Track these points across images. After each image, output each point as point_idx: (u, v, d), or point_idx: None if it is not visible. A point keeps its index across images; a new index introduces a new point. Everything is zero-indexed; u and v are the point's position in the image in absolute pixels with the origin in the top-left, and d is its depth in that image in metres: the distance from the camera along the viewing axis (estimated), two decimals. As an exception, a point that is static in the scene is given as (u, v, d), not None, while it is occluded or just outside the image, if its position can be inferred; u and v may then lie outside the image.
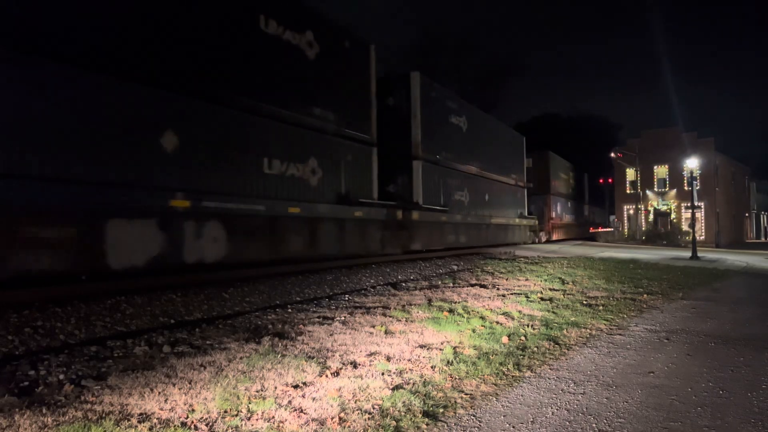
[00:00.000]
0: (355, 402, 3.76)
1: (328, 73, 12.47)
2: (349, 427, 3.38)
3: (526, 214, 27.40)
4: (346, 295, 8.80)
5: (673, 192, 42.99)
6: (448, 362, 4.82)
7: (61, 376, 4.19)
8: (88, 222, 7.20)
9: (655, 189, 44.04)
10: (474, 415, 3.72)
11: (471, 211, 20.09)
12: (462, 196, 19.41)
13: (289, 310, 7.32)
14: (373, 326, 6.14)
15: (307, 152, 11.53)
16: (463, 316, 6.90)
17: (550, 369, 4.90)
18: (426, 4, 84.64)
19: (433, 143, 17.00)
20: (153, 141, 8.19)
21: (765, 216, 60.15)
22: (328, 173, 12.23)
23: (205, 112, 9.10)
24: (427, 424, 3.50)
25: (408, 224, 15.39)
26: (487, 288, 9.84)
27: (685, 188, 40.13)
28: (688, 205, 36.56)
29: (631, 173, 45.19)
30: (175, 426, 3.27)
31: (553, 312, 7.61)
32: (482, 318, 6.86)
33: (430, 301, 8.10)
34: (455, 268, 14.05)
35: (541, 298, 8.71)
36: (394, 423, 3.46)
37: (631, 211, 45.48)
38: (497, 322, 6.68)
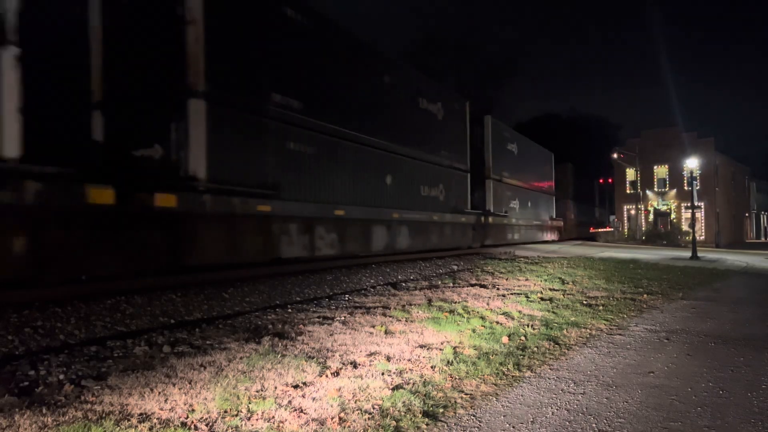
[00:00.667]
0: (355, 402, 3.76)
1: (447, 127, 18.72)
2: (349, 427, 3.38)
3: (554, 216, 33.19)
4: (346, 295, 8.81)
5: (673, 192, 43.01)
6: (448, 362, 4.82)
7: (61, 376, 4.19)
8: (367, 227, 13.80)
9: (655, 189, 44.06)
10: (474, 415, 3.72)
11: (521, 215, 26.08)
12: (515, 204, 25.32)
13: (289, 310, 7.32)
14: (373, 326, 6.14)
15: (437, 180, 17.80)
16: (463, 316, 6.90)
17: (550, 369, 4.90)
18: (426, 3, 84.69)
19: (497, 166, 22.72)
20: (382, 181, 14.71)
21: (765, 216, 60.16)
22: (447, 192, 18.38)
23: (402, 163, 15.66)
24: (427, 424, 3.50)
25: (485, 226, 21.46)
26: (487, 288, 9.85)
27: (685, 188, 40.15)
28: (688, 205, 36.56)
29: (631, 173, 45.21)
30: (175, 426, 3.27)
31: (553, 312, 7.61)
32: (482, 318, 6.86)
33: (430, 301, 8.10)
34: (455, 268, 14.05)
35: (541, 298, 8.71)
36: (394, 423, 3.46)
37: (631, 211, 45.50)
38: (497, 322, 6.68)
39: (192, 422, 3.34)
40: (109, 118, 8.86)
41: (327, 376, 4.29)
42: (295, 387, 4.01)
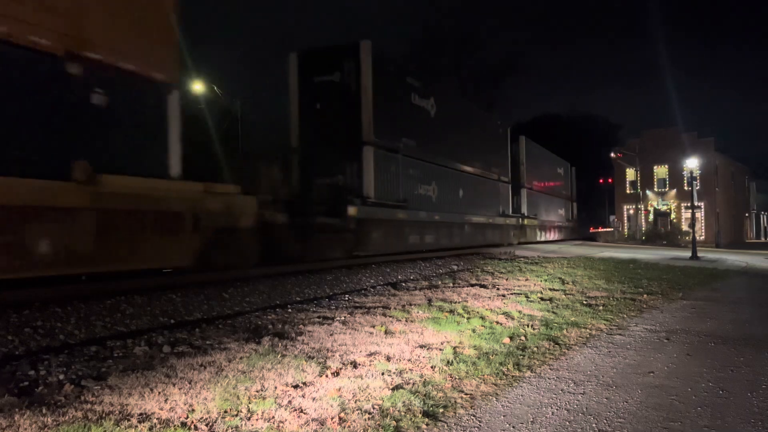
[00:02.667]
0: (355, 402, 3.76)
1: (495, 148, 24.56)
2: (349, 427, 3.38)
3: (571, 218, 39.26)
4: (346, 295, 8.80)
5: (673, 192, 43.02)
6: (448, 362, 4.82)
7: (61, 376, 4.19)
8: (450, 227, 19.22)
9: (655, 189, 44.07)
10: (474, 415, 3.72)
11: (547, 217, 32.06)
12: (543, 209, 31.24)
13: (289, 310, 7.32)
14: (373, 326, 6.14)
15: (490, 190, 23.89)
16: (463, 316, 6.90)
17: (550, 369, 4.90)
18: (426, 3, 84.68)
19: (530, 177, 28.86)
20: (456, 194, 19.98)
21: (765, 216, 60.15)
22: (497, 200, 24.47)
23: (468, 179, 20.99)
24: (427, 424, 3.50)
25: (522, 227, 27.11)
26: (487, 288, 9.85)
27: (685, 188, 40.13)
28: (688, 205, 36.55)
29: (631, 173, 45.22)
30: (175, 426, 3.27)
31: (553, 312, 7.61)
32: (482, 318, 6.86)
33: (430, 301, 8.10)
34: (455, 268, 14.05)
35: (541, 298, 8.71)
36: (394, 423, 3.46)
37: (631, 211, 45.51)
38: (497, 322, 6.68)
39: (192, 422, 3.34)
40: (302, 158, 14.25)
41: (327, 376, 4.29)
42: (295, 387, 4.01)
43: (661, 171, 43.86)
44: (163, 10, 9.00)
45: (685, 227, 39.55)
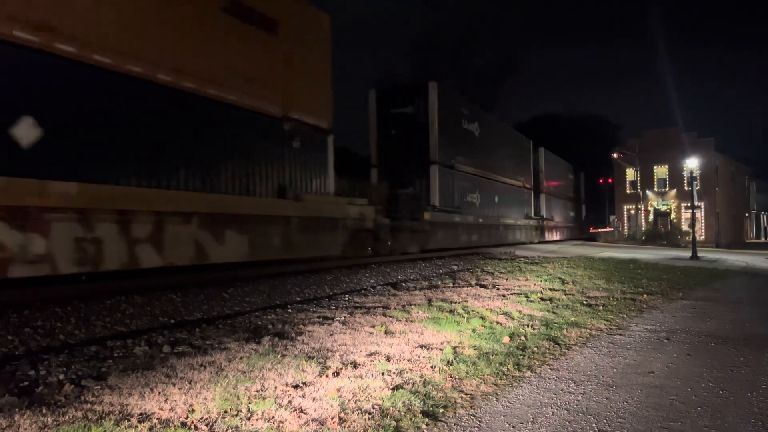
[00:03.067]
0: (355, 402, 3.76)
1: (521, 159, 28.82)
2: (349, 427, 3.38)
3: (582, 218, 43.25)
4: (346, 295, 8.80)
5: (673, 192, 43.00)
6: (448, 362, 4.82)
7: (61, 376, 4.19)
8: (488, 228, 23.48)
9: (655, 189, 44.06)
10: (474, 415, 3.72)
11: (560, 219, 36.22)
12: (558, 211, 35.56)
13: (289, 310, 7.32)
14: (373, 326, 6.14)
15: (517, 196, 28.00)
16: (463, 316, 6.90)
17: (550, 369, 4.90)
18: (426, 4, 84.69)
19: (548, 183, 32.93)
20: (493, 200, 24.00)
21: (765, 216, 60.14)
22: (522, 204, 28.60)
23: (502, 187, 24.74)
24: (427, 424, 3.50)
25: (542, 227, 31.63)
26: (487, 288, 9.84)
27: (685, 188, 40.12)
28: (688, 205, 36.55)
29: (631, 173, 45.21)
30: (175, 426, 3.27)
31: (553, 312, 7.61)
32: (482, 318, 6.86)
33: (430, 301, 8.10)
34: (455, 268, 14.05)
35: (541, 298, 8.71)
36: (394, 423, 3.46)
37: (631, 211, 45.50)
38: (497, 322, 6.68)
39: (192, 422, 3.34)
40: (380, 174, 18.56)
41: (327, 376, 4.29)
42: (295, 387, 4.01)
43: (661, 171, 43.86)
44: (327, 80, 13.42)
45: (685, 227, 39.54)
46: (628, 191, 46.01)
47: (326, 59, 13.43)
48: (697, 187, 28.58)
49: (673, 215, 42.65)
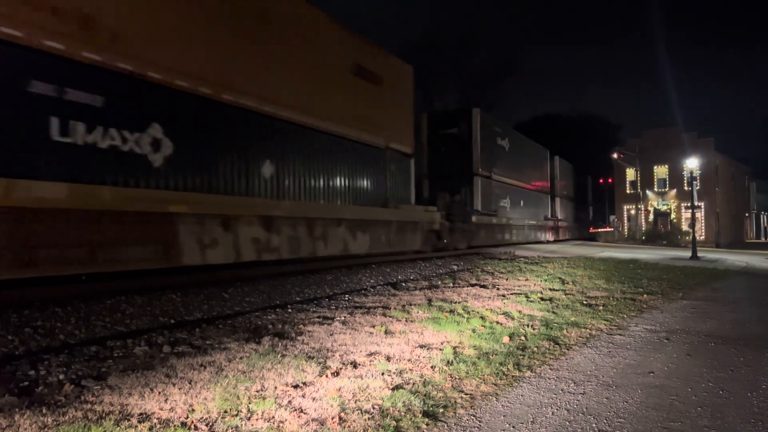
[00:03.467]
0: (355, 402, 3.76)
1: (540, 167, 32.05)
2: (349, 427, 3.38)
3: (589, 219, 45.80)
4: (346, 295, 8.80)
5: (673, 192, 42.99)
6: (448, 362, 4.82)
7: (61, 376, 4.19)
8: (520, 228, 27.88)
9: (655, 189, 44.05)
10: (474, 415, 3.72)
11: (572, 219, 39.34)
12: (569, 212, 38.48)
13: (289, 310, 7.32)
14: (373, 326, 6.14)
15: (538, 200, 31.51)
16: (463, 316, 6.90)
17: (550, 369, 4.90)
18: (426, 3, 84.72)
19: (561, 188, 36.06)
20: (519, 203, 27.76)
21: (765, 216, 60.14)
22: (542, 207, 32.20)
23: (527, 193, 28.81)
24: (427, 424, 3.50)
25: (558, 227, 34.97)
26: (487, 288, 9.84)
27: (685, 188, 40.12)
28: (688, 205, 36.56)
29: (631, 173, 45.20)
30: (175, 426, 3.27)
31: (553, 312, 7.61)
32: (482, 318, 6.86)
33: (430, 301, 8.10)
34: (455, 268, 14.05)
35: (541, 298, 8.71)
36: (394, 423, 3.46)
37: (632, 211, 45.50)
38: (497, 322, 6.68)
39: (192, 422, 3.34)
40: (431, 183, 22.22)
41: (327, 376, 4.29)
42: (295, 387, 4.01)
43: (661, 171, 43.85)
44: (410, 115, 17.16)
45: (685, 227, 39.54)
46: (628, 191, 46.01)
47: (409, 98, 17.25)
48: (697, 187, 28.61)
49: (673, 215, 42.65)
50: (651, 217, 43.76)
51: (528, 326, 6.54)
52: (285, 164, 11.55)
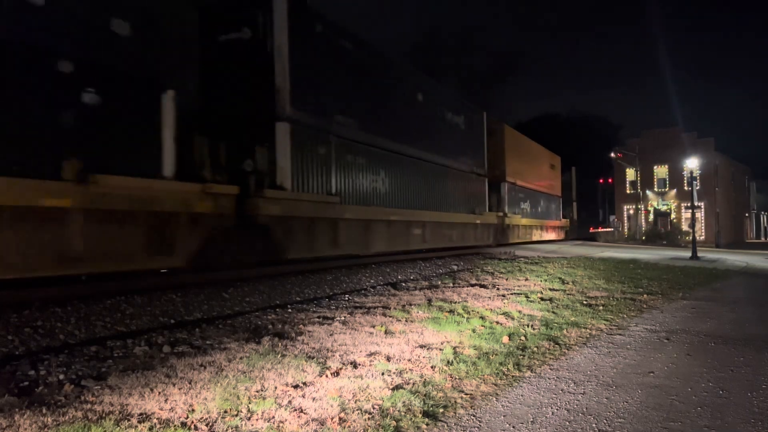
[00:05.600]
0: (355, 402, 3.76)
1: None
2: (349, 427, 3.38)
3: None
4: (346, 295, 8.80)
5: (673, 192, 43.01)
6: (448, 362, 4.82)
7: (61, 376, 4.19)
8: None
9: (655, 189, 44.07)
10: (474, 415, 3.72)
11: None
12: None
13: (289, 310, 7.32)
14: (373, 326, 6.14)
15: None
16: (463, 316, 6.90)
17: (550, 369, 4.90)
18: (426, 3, 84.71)
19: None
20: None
21: (765, 216, 60.13)
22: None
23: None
24: (427, 424, 3.50)
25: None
26: (487, 288, 9.84)
27: (685, 188, 40.13)
28: (688, 205, 36.56)
29: (631, 173, 45.22)
30: (175, 426, 3.27)
31: (553, 312, 7.61)
32: (482, 318, 6.86)
33: (430, 301, 8.10)
34: (455, 268, 14.05)
35: (541, 298, 8.71)
36: (394, 423, 3.46)
37: (631, 211, 45.51)
38: (497, 322, 6.68)
39: (192, 422, 3.34)
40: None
41: (327, 376, 4.29)
42: (295, 387, 4.01)
43: (661, 171, 43.87)
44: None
45: (685, 227, 39.56)
46: (628, 191, 46.02)
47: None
48: (697, 187, 28.59)
49: (673, 215, 42.67)
50: (651, 217, 43.77)
51: (528, 326, 6.54)
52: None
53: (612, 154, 45.11)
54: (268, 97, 11.19)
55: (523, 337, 5.97)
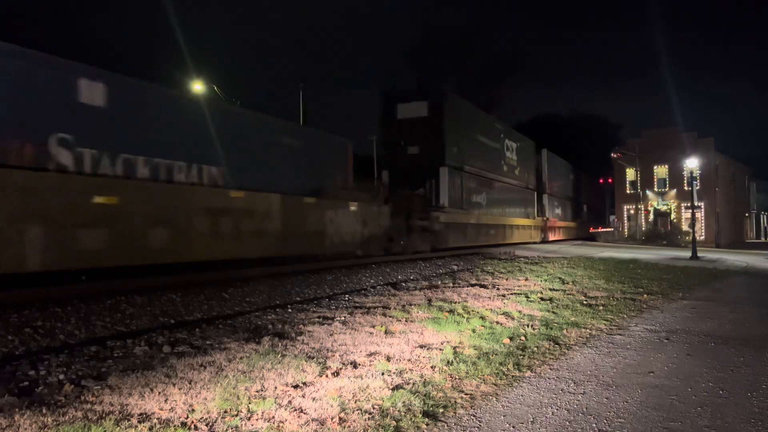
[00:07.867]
0: (355, 402, 3.76)
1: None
2: (349, 427, 3.38)
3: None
4: (346, 295, 8.80)
5: (673, 192, 42.97)
6: (448, 362, 4.82)
7: (61, 376, 4.19)
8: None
9: (655, 189, 44.03)
10: (474, 415, 3.72)
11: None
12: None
13: (289, 310, 7.32)
14: (373, 326, 6.14)
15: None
16: (463, 316, 6.90)
17: (550, 369, 4.90)
18: (426, 3, 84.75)
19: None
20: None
21: (765, 216, 60.11)
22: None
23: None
24: (427, 424, 3.50)
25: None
26: (487, 288, 9.84)
27: (685, 188, 40.09)
28: (688, 205, 36.54)
29: (631, 173, 45.17)
30: (175, 426, 3.27)
31: (553, 312, 7.61)
32: (482, 318, 6.86)
33: (430, 301, 8.10)
34: (455, 268, 14.05)
35: (541, 298, 8.71)
36: (394, 423, 3.46)
37: (631, 211, 45.48)
38: (497, 322, 6.68)
39: (192, 422, 3.34)
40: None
41: (327, 376, 4.29)
42: (295, 387, 4.01)
43: (661, 171, 43.83)
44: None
45: (685, 227, 39.51)
46: (628, 191, 45.97)
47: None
48: (697, 187, 28.60)
49: (673, 215, 42.64)
50: (651, 217, 43.74)
51: (528, 326, 6.54)
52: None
53: (612, 154, 45.08)
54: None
55: (523, 337, 5.97)
